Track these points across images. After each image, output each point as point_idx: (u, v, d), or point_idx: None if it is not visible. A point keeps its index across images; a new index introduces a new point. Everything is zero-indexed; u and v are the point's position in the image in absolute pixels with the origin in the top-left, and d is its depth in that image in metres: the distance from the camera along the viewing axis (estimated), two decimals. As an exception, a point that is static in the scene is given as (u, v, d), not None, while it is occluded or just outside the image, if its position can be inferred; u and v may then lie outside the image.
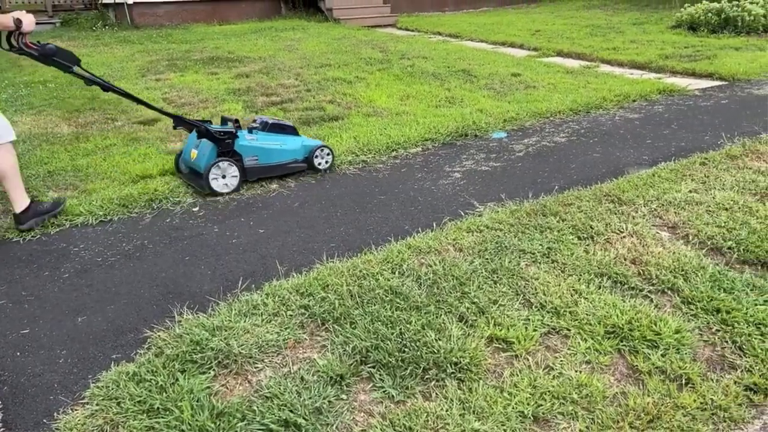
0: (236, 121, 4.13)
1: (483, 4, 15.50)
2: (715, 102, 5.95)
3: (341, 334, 2.45)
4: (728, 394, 2.22)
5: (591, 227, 3.30)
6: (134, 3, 12.15)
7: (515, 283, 2.82)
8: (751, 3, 9.64)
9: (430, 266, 2.94)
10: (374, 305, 2.62)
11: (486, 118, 5.53)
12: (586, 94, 6.28)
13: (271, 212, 3.74)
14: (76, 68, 3.56)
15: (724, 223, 3.30)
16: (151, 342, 2.48)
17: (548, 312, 2.63)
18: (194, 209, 3.83)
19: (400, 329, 2.46)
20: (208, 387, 2.20)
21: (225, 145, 4.01)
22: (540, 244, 3.15)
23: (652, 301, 2.72)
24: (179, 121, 4.06)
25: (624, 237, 3.20)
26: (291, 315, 2.59)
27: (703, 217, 3.38)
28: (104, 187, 4.14)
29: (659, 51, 8.47)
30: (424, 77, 7.19)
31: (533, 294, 2.75)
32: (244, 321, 2.55)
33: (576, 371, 2.31)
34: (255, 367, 2.32)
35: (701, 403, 2.18)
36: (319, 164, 4.36)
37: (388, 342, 2.38)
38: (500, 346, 2.45)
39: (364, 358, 2.33)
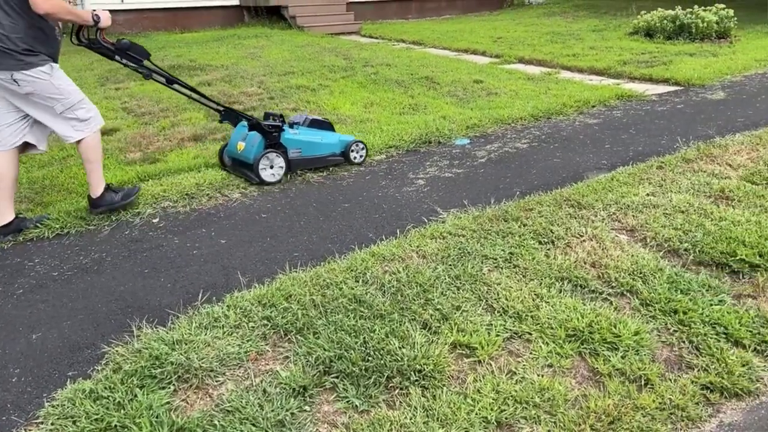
0: (281, 116, 4.37)
1: (446, 12, 15.64)
2: (671, 107, 6.10)
3: (304, 345, 2.43)
4: (686, 393, 2.26)
5: (551, 232, 3.34)
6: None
7: (478, 289, 2.84)
8: (704, 10, 9.92)
9: (394, 274, 2.94)
10: (338, 314, 2.60)
11: (449, 124, 5.56)
12: (547, 100, 6.38)
13: (233, 222, 3.70)
14: (145, 62, 3.83)
15: (681, 225, 3.38)
16: (108, 358, 2.42)
17: (510, 317, 2.66)
18: (154, 220, 3.77)
19: (364, 338, 2.45)
20: (168, 402, 2.16)
21: (272, 138, 4.27)
22: (502, 250, 3.18)
23: (611, 303, 2.76)
24: (228, 115, 4.35)
25: (584, 241, 3.25)
26: (253, 327, 2.56)
27: (660, 219, 3.45)
28: (61, 199, 4.04)
29: (617, 57, 8.65)
30: (388, 84, 7.21)
31: (496, 299, 2.77)
32: (205, 334, 2.51)
33: (538, 375, 2.33)
34: (216, 381, 2.28)
35: (660, 403, 2.22)
36: (354, 158, 4.66)
37: (352, 351, 2.37)
38: (463, 352, 2.46)
39: (327, 369, 2.31)
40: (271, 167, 4.27)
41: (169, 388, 2.23)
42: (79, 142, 3.57)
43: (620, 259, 3.06)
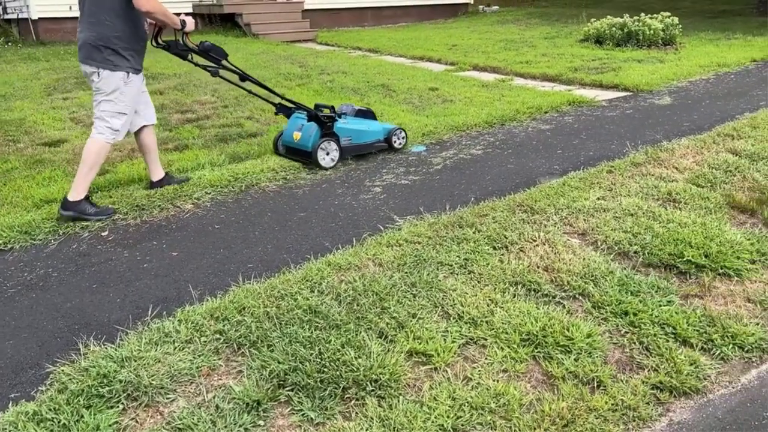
0: (332, 107, 4.75)
1: (402, 19, 15.74)
2: (621, 112, 6.25)
3: (258, 358, 2.39)
4: (637, 393, 2.30)
5: (505, 237, 3.38)
6: (40, 18, 11.59)
7: (434, 296, 2.85)
8: (651, 18, 10.23)
9: (350, 283, 2.92)
10: (293, 326, 2.57)
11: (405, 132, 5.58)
12: (501, 107, 6.47)
13: (185, 234, 3.62)
14: (224, 62, 4.23)
15: (630, 228, 3.46)
16: (53, 378, 2.34)
17: (466, 323, 2.67)
18: (103, 233, 3.66)
19: (320, 349, 2.43)
20: (116, 422, 2.09)
21: (327, 128, 4.67)
22: (457, 256, 3.19)
23: (564, 307, 2.80)
24: (282, 108, 4.77)
25: (537, 245, 3.30)
26: (205, 341, 2.50)
27: (610, 223, 3.53)
28: (4, 213, 3.90)
29: (569, 64, 8.84)
30: (344, 92, 7.20)
31: (451, 305, 2.78)
32: (155, 350, 2.44)
33: (493, 380, 2.35)
34: (167, 398, 2.22)
35: (612, 404, 2.25)
36: (397, 143, 5.15)
37: (307, 363, 2.34)
38: (420, 360, 2.45)
39: (282, 382, 2.28)
40: (327, 154, 4.72)
41: (118, 407, 2.17)
42: (90, 138, 3.80)
43: (572, 263, 3.11)
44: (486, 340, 2.57)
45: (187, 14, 3.78)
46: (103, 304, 2.87)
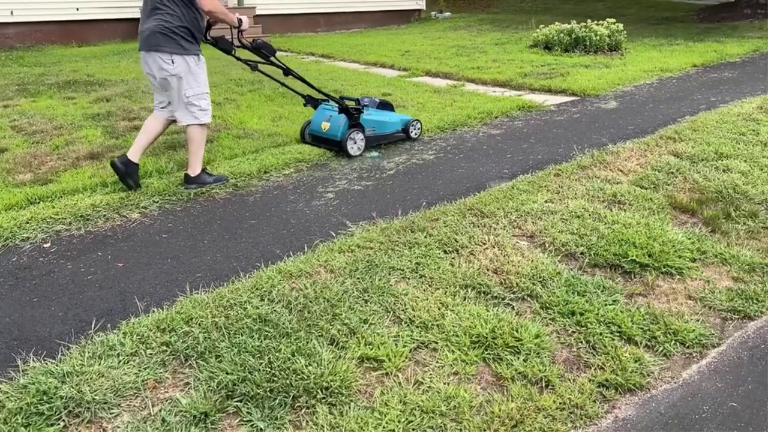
0: (357, 100, 5.20)
1: (355, 25, 15.77)
2: (568, 116, 6.40)
3: (206, 370, 2.35)
4: (584, 392, 2.35)
5: (456, 241, 3.41)
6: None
7: (385, 301, 2.85)
8: (597, 24, 10.51)
9: (301, 290, 2.90)
10: (242, 336, 2.53)
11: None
12: (453, 112, 6.53)
13: (131, 244, 3.53)
14: (272, 58, 4.70)
15: (577, 230, 3.54)
16: (-10, 397, 2.24)
17: (417, 327, 2.68)
18: (45, 245, 3.54)
19: (269, 358, 2.40)
20: (57, 441, 2.02)
21: (354, 119, 5.07)
22: (409, 260, 3.21)
23: (513, 308, 2.84)
24: (311, 100, 5.25)
25: (486, 248, 3.34)
26: (151, 354, 2.44)
27: (557, 225, 3.60)
28: (-62, 226, 3.73)
29: (519, 69, 9.00)
30: (297, 98, 7.14)
31: (403, 310, 2.79)
32: (99, 364, 2.37)
33: (444, 383, 2.36)
34: (110, 413, 2.16)
35: (560, 403, 2.29)
36: (413, 133, 5.58)
37: (256, 373, 2.31)
38: (371, 366, 2.45)
39: (230, 393, 2.24)
40: (355, 143, 5.09)
41: (59, 424, 2.10)
42: (188, 126, 4.21)
43: (521, 265, 3.16)
44: (437, 343, 2.59)
45: (134, 20, 3.98)
46: (44, 318, 2.78)
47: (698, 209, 3.90)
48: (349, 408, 2.20)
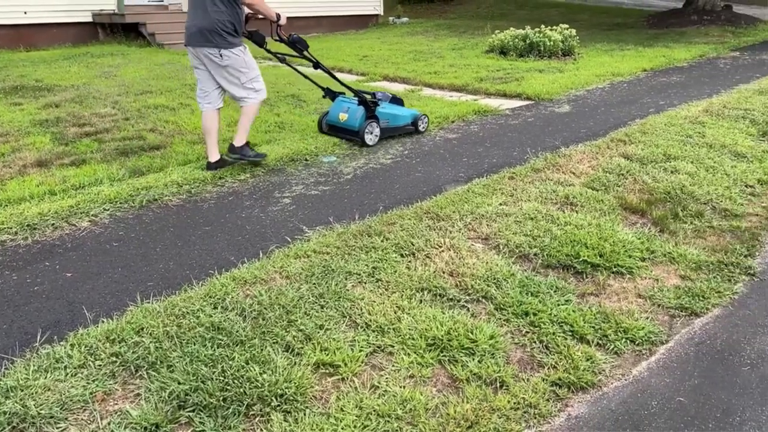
0: (374, 95, 5.61)
1: (313, 30, 15.71)
2: (523, 120, 6.50)
3: (157, 380, 2.30)
4: (537, 391, 2.39)
5: (412, 244, 3.42)
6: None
7: (342, 306, 2.84)
8: (551, 30, 10.73)
9: (256, 297, 2.86)
10: (194, 345, 2.49)
11: (316, 142, 5.56)
12: (410, 116, 6.56)
13: (80, 253, 3.44)
14: (305, 52, 5.18)
15: (530, 231, 3.59)
16: (-74, 415, 2.15)
17: (373, 331, 2.68)
18: (-11, 256, 3.42)
19: (222, 367, 2.36)
20: (-2, 459, 1.95)
21: (371, 111, 5.47)
22: (365, 265, 3.21)
23: (468, 310, 2.87)
24: (329, 92, 5.70)
25: (442, 251, 3.36)
26: (100, 365, 2.38)
27: (511, 227, 3.65)
28: None
29: (475, 74, 9.11)
30: (253, 103, 7.08)
31: (359, 314, 2.78)
32: (45, 377, 2.30)
33: (400, 387, 2.36)
34: (57, 428, 2.09)
35: (515, 403, 2.32)
36: (421, 127, 6.00)
37: (209, 382, 2.27)
38: (327, 371, 2.44)
39: (182, 403, 2.20)
40: (371, 133, 5.50)
41: (1, 442, 2.02)
42: (243, 104, 4.73)
43: (476, 267, 3.19)
44: (393, 347, 2.59)
45: (86, 24, 4.03)
46: (-14, 332, 2.67)
47: (647, 210, 4.01)
48: (305, 415, 2.18)
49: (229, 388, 2.26)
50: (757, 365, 2.59)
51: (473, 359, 2.52)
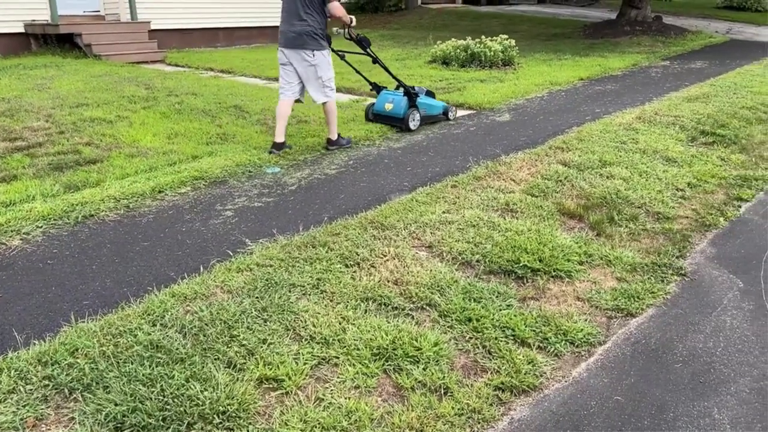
0: (413, 88, 6.56)
1: (256, 40, 15.57)
2: (465, 129, 6.61)
3: (93, 402, 2.22)
4: (481, 396, 2.42)
5: (357, 254, 3.42)
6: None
7: (285, 319, 2.81)
8: (491, 41, 10.97)
9: (196, 313, 2.80)
10: (131, 364, 2.42)
11: (259, 153, 5.51)
12: (355, 126, 6.58)
13: (11, 273, 3.29)
14: (368, 49, 6.19)
15: (472, 238, 3.65)
16: None
17: (318, 343, 2.66)
18: None
19: (162, 386, 2.30)
20: None
21: (413, 101, 6.47)
22: (310, 276, 3.19)
23: (413, 318, 2.89)
24: (376, 87, 6.82)
25: (387, 260, 3.37)
26: (31, 389, 2.28)
27: (454, 234, 3.70)
28: None
29: (418, 84, 9.18)
30: (194, 114, 6.97)
31: (303, 327, 2.76)
32: (-30, 405, 2.18)
33: (345, 398, 2.35)
34: (-17, 459, 1.99)
35: (459, 409, 2.35)
36: (450, 115, 7.07)
37: (148, 402, 2.21)
38: (270, 386, 2.41)
39: (119, 425, 2.13)
40: (413, 120, 6.49)
41: None
42: (324, 103, 5.56)
43: (420, 275, 3.21)
44: (338, 358, 2.58)
45: (18, 34, 4.28)
46: None
47: (585, 214, 4.13)
48: (247, 431, 2.15)
49: (168, 407, 2.20)
50: (688, 362, 2.70)
51: (418, 367, 2.54)
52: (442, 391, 2.43)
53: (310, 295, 3.04)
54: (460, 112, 7.50)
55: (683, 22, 17.63)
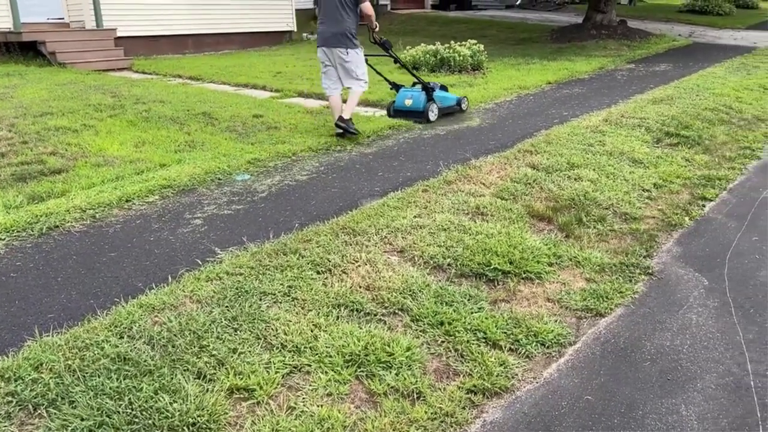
0: (430, 83, 7.28)
1: (225, 47, 15.46)
2: (436, 134, 6.64)
3: (58, 418, 2.17)
4: (453, 399, 2.42)
5: (329, 260, 3.41)
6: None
7: (256, 328, 2.78)
8: (460, 45, 11.05)
9: (165, 324, 2.76)
10: (98, 378, 2.37)
11: (229, 161, 5.46)
12: (326, 132, 6.57)
13: (-29, 287, 3.21)
14: (390, 51, 6.81)
15: (444, 242, 3.66)
16: None
17: (289, 351, 2.64)
18: None
19: (130, 399, 2.26)
20: None
21: (430, 96, 7.15)
22: (281, 284, 3.16)
23: (385, 323, 2.88)
24: (395, 86, 7.54)
25: (359, 266, 3.37)
26: (-7, 407, 2.22)
27: (426, 239, 3.71)
28: None
29: (388, 90, 9.20)
30: (162, 122, 6.88)
31: (274, 335, 2.74)
32: (-71, 425, 2.12)
33: (318, 406, 2.34)
34: (-57, 480, 1.93)
35: (432, 413, 2.35)
36: (463, 106, 7.69)
37: (116, 416, 2.17)
38: (241, 396, 2.38)
39: (86, 440, 2.08)
40: (432, 112, 7.14)
41: None
42: (353, 91, 6.32)
43: (392, 280, 3.21)
44: (310, 366, 2.57)
45: None
46: None
47: (553, 216, 4.18)
48: (218, 442, 2.12)
49: (137, 420, 2.16)
50: (656, 360, 2.74)
51: (390, 372, 2.53)
52: (415, 396, 2.43)
53: (281, 302, 3.01)
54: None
55: (647, 26, 18.00)
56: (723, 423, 2.35)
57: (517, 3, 26.47)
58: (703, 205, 4.59)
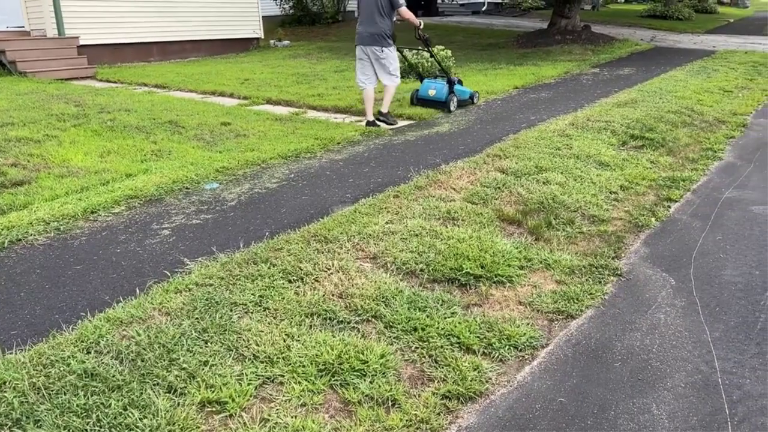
0: (451, 77, 8.27)
1: (191, 54, 15.29)
2: (406, 140, 6.66)
3: (22, 438, 2.10)
4: (428, 406, 2.42)
5: (300, 269, 3.38)
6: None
7: (227, 339, 2.74)
8: (425, 51, 11.10)
9: (133, 338, 2.70)
10: (65, 395, 2.30)
11: (197, 169, 5.39)
12: (295, 139, 6.53)
13: (-71, 305, 3.10)
14: (431, 48, 8.49)
15: (416, 248, 3.66)
16: None
17: (262, 362, 2.61)
18: None
19: (97, 416, 2.20)
20: None
21: (451, 88, 8.08)
22: (252, 294, 3.12)
23: (359, 331, 2.87)
24: (420, 76, 8.64)
25: (331, 273, 3.35)
26: (-47, 429, 2.14)
27: (398, 245, 3.70)
28: None
29: (358, 96, 9.18)
30: (128, 131, 6.77)
31: (246, 346, 2.70)
32: None
33: (291, 417, 2.31)
34: None
35: (407, 420, 2.34)
36: (475, 100, 8.70)
37: (83, 434, 2.11)
38: (213, 409, 2.34)
39: (52, 461, 2.02)
40: (453, 102, 8.08)
41: None
42: (388, 86, 7.26)
43: (365, 287, 3.20)
44: (283, 376, 2.54)
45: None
46: None
47: (523, 220, 4.21)
48: (190, 458, 2.08)
49: (105, 438, 2.10)
50: (627, 360, 2.78)
51: (365, 380, 2.52)
52: (390, 404, 2.42)
53: (252, 313, 2.98)
54: (400, 123, 7.56)
55: (611, 31, 18.36)
56: (693, 420, 2.39)
57: (483, 9, 26.76)
58: (669, 206, 4.68)
